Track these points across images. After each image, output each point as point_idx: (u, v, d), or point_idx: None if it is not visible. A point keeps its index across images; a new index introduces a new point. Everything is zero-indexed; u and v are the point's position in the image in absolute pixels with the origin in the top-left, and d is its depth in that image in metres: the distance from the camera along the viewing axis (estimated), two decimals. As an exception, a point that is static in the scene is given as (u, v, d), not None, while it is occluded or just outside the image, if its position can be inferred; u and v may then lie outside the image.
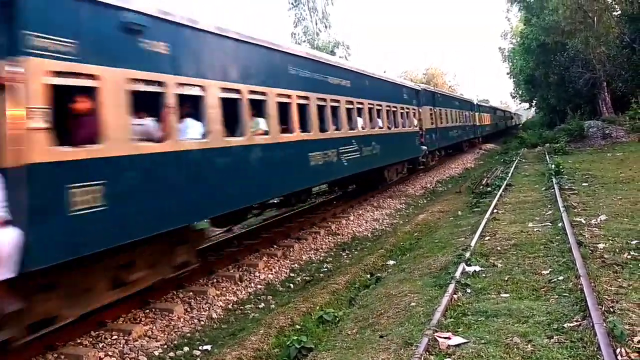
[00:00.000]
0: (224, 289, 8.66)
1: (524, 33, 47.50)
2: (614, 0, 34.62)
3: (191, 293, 8.28)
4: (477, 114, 44.11)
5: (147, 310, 7.49)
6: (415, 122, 21.74)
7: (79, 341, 6.44)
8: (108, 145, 5.88)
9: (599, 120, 34.09)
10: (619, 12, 35.47)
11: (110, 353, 6.21)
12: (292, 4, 46.20)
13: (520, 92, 74.68)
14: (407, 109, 20.65)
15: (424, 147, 22.60)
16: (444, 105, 29.67)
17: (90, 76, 5.72)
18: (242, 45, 9.03)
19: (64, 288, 5.84)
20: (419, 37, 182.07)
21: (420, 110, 23.12)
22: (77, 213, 5.39)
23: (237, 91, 8.72)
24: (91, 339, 6.52)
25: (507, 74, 74.47)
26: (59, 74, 5.33)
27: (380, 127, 16.77)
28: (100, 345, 6.39)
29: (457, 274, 6.82)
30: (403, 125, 19.64)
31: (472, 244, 8.50)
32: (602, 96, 39.04)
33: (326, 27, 46.61)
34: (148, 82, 6.69)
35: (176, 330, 7.04)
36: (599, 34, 33.55)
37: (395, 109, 18.79)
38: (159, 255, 7.43)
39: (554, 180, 14.80)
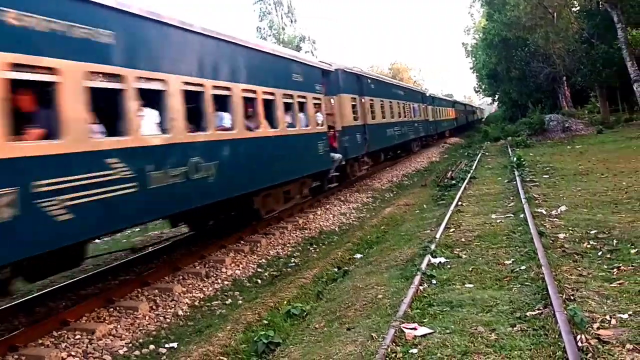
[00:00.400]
0: (190, 285, 8.55)
1: (487, 28, 48.32)
2: (572, -4, 35.58)
3: (156, 290, 8.14)
4: (430, 107, 38.56)
5: (111, 309, 7.33)
6: (321, 118, 14.70)
7: (40, 341, 6.26)
8: None
9: (559, 113, 35.01)
10: (578, 8, 36.43)
11: (73, 353, 6.06)
12: (257, -2, 45.90)
13: (483, 87, 76.21)
14: (303, 97, 13.44)
15: (337, 155, 15.70)
16: (378, 95, 22.53)
17: None
18: None
19: None
20: (385, 33, 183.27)
21: (332, 100, 16.65)
22: None
23: None
24: (53, 339, 6.34)
25: (471, 69, 75.88)
26: None
27: (227, 129, 9.62)
28: (63, 345, 6.22)
29: (423, 266, 6.89)
30: (291, 123, 12.55)
31: (437, 236, 8.61)
32: (562, 90, 40.12)
33: (292, 21, 46.51)
34: None
35: (141, 328, 6.91)
36: (558, 29, 34.40)
37: (271, 97, 11.51)
38: None
39: (516, 172, 15.14)
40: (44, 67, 5.71)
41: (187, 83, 8.39)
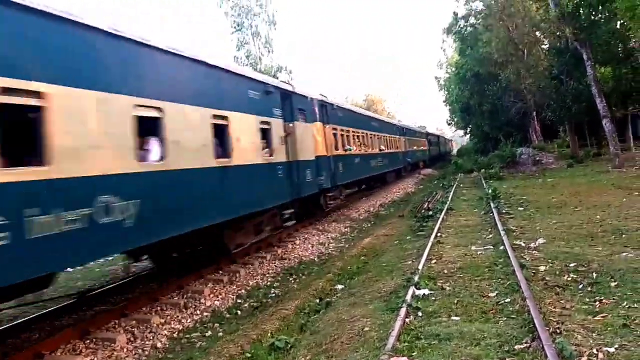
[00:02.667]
0: (169, 317, 8.38)
1: (459, 63, 49.58)
2: (542, 34, 36.74)
3: (134, 321, 7.95)
4: (318, 126, 18.05)
5: (88, 341, 7.12)
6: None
7: (13, 376, 6.02)
8: None
9: (530, 147, 35.80)
10: (547, 45, 37.68)
11: (48, 388, 5.83)
12: (235, 27, 46.25)
13: (455, 119, 77.63)
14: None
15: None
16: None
17: None
18: None
19: None
20: (360, 65, 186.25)
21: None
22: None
23: None
24: (27, 373, 6.10)
25: (443, 101, 77.39)
26: None
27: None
28: (37, 379, 5.99)
29: (408, 298, 6.87)
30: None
31: (420, 267, 8.61)
32: (532, 124, 41.16)
33: (269, 51, 46.87)
34: None
35: (119, 361, 6.71)
36: (529, 65, 35.45)
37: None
38: None
39: (492, 204, 15.33)
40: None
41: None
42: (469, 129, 70.08)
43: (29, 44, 5.86)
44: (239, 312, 8.85)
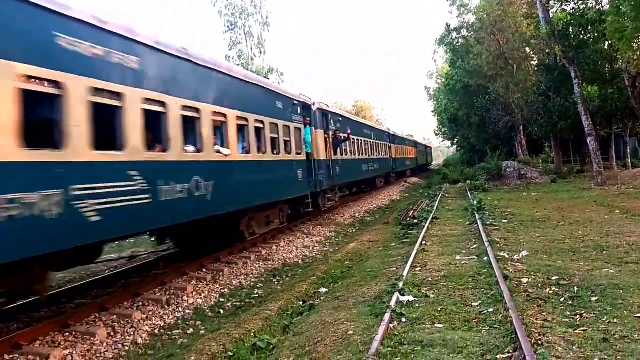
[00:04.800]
0: (150, 312, 8.30)
1: (450, 74, 49.91)
2: (532, 50, 37.19)
3: (115, 316, 7.87)
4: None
5: (67, 334, 7.03)
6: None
7: (-10, 365, 5.95)
8: None
9: (516, 161, 36.14)
10: (537, 61, 38.15)
11: (25, 379, 5.76)
12: (228, 27, 46.22)
13: (443, 130, 78.18)
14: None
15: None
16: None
17: None
18: None
19: None
20: (350, 70, 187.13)
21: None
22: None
23: None
24: (4, 364, 6.02)
25: (432, 112, 77.86)
26: None
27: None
28: (14, 370, 5.91)
29: (392, 303, 6.90)
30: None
31: (405, 273, 8.66)
32: (519, 139, 41.54)
33: (261, 52, 46.91)
34: None
35: (98, 355, 6.64)
36: (518, 80, 35.84)
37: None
38: None
39: (476, 215, 15.45)
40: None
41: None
42: (456, 140, 70.68)
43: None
44: (221, 310, 8.80)
